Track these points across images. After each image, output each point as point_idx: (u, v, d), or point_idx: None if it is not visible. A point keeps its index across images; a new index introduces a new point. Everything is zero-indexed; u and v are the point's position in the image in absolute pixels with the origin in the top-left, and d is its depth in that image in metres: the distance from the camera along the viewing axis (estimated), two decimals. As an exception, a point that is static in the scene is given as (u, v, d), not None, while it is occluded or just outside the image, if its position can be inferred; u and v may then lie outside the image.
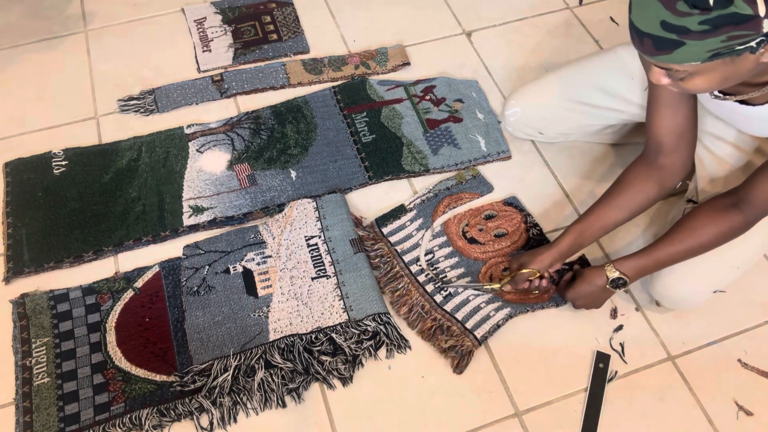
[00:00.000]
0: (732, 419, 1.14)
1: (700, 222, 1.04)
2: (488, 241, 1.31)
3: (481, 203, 1.37)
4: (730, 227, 1.03)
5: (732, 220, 1.02)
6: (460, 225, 1.33)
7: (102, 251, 1.28)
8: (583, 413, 1.13)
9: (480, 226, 1.33)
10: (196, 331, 1.17)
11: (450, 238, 1.31)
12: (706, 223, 1.04)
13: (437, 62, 1.63)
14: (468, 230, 1.32)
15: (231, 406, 1.11)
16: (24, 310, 1.20)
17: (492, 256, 1.29)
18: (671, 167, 1.10)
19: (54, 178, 1.37)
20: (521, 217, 1.34)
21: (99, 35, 1.66)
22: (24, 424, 1.08)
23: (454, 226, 1.33)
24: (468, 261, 1.28)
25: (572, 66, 1.34)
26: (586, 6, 1.79)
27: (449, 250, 1.30)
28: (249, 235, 1.29)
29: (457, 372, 1.15)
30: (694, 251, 1.07)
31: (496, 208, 1.36)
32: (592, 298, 1.17)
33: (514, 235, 1.32)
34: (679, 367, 1.19)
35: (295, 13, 1.72)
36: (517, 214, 1.35)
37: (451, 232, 1.32)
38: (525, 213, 1.35)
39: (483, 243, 1.31)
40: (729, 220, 1.02)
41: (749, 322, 1.25)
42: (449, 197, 1.36)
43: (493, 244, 1.31)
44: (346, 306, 1.21)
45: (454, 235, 1.31)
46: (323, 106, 1.52)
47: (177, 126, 1.47)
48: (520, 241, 1.31)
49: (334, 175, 1.40)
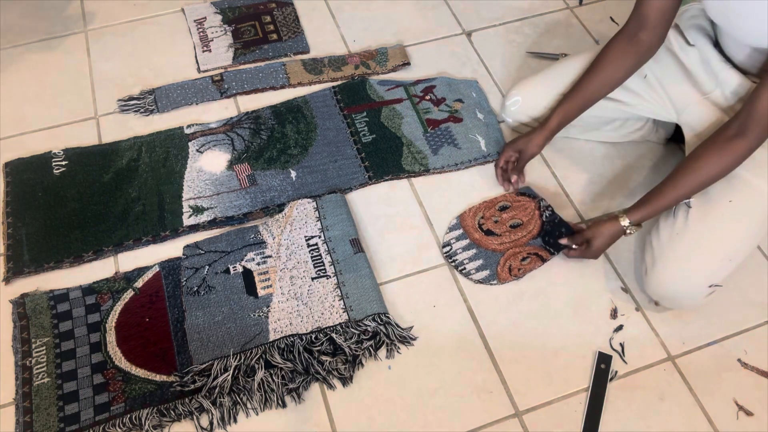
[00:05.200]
0: (732, 419, 1.14)
1: (704, 160, 1.09)
2: (504, 232, 1.32)
3: (494, 195, 1.39)
4: (733, 157, 1.07)
5: (735, 150, 1.06)
6: (475, 218, 1.34)
7: (102, 251, 1.28)
8: (584, 414, 1.13)
9: (495, 217, 1.34)
10: (196, 331, 1.17)
11: (466, 230, 1.32)
12: (709, 159, 1.08)
13: (437, 62, 1.63)
14: (484, 222, 1.34)
15: (231, 406, 1.11)
16: (24, 310, 1.20)
17: (509, 246, 1.30)
18: (649, 42, 1.19)
19: (54, 178, 1.37)
20: (535, 204, 1.36)
21: (99, 35, 1.66)
22: (24, 424, 1.08)
23: (470, 219, 1.34)
24: (486, 252, 1.30)
25: (575, 57, 1.37)
26: (586, 6, 1.79)
27: (466, 242, 1.31)
28: (249, 235, 1.29)
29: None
30: (699, 188, 1.12)
31: (509, 199, 1.37)
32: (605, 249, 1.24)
33: (529, 224, 1.33)
34: (679, 367, 1.19)
35: (295, 13, 1.72)
36: (531, 203, 1.36)
37: (467, 225, 1.33)
38: (539, 199, 1.36)
39: (499, 234, 1.32)
40: (732, 150, 1.06)
41: (749, 322, 1.25)
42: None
43: (510, 234, 1.32)
44: (346, 306, 1.21)
45: (470, 227, 1.33)
46: (323, 106, 1.52)
47: (177, 126, 1.47)
48: (535, 230, 1.32)
49: (334, 175, 1.40)
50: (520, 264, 1.28)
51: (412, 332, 1.21)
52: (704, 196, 1.15)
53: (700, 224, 1.14)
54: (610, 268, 1.31)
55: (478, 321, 1.23)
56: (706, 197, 1.15)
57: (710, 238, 1.13)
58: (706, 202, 1.15)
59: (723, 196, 1.13)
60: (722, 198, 1.13)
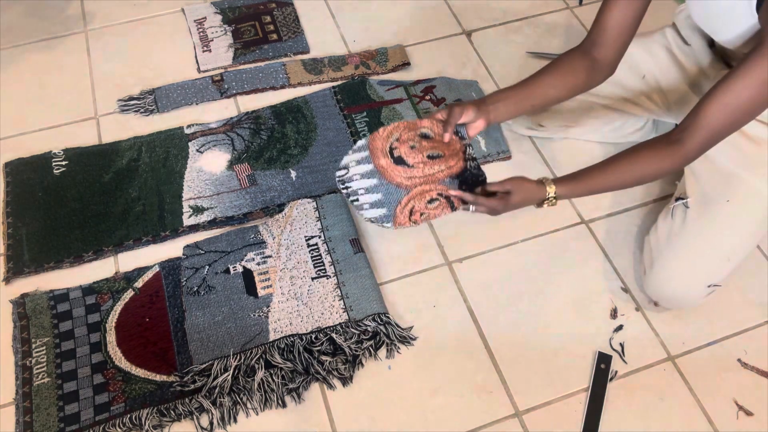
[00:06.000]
0: (732, 419, 1.14)
1: (641, 156, 1.04)
2: (418, 163, 1.09)
3: (419, 121, 1.14)
4: (668, 161, 1.02)
5: (671, 154, 1.01)
6: (389, 139, 1.10)
7: (102, 251, 1.28)
8: (584, 414, 1.13)
9: (413, 143, 1.10)
10: (196, 331, 1.17)
11: (373, 153, 1.09)
12: (646, 157, 1.03)
13: (437, 62, 1.63)
14: (397, 146, 1.10)
15: (231, 406, 1.11)
16: (24, 310, 1.20)
17: (419, 182, 1.08)
18: (601, 62, 1.13)
19: (54, 178, 1.37)
20: (461, 146, 1.13)
21: (99, 35, 1.66)
22: (24, 424, 1.08)
23: (381, 141, 1.10)
24: (388, 186, 1.09)
25: None
26: (586, 6, 1.79)
27: (369, 168, 1.09)
28: (249, 235, 1.29)
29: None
30: (629, 183, 1.07)
31: (435, 130, 1.13)
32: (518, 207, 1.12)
33: (450, 159, 1.10)
34: (679, 367, 1.19)
35: (295, 13, 1.72)
36: (457, 141, 1.13)
37: (376, 147, 1.10)
38: (466, 142, 1.14)
39: (411, 165, 1.09)
40: (668, 154, 1.01)
41: (749, 322, 1.25)
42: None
43: (424, 167, 1.09)
44: (346, 306, 1.21)
45: (379, 151, 1.09)
46: (323, 106, 1.52)
47: (177, 126, 1.47)
48: (455, 168, 1.11)
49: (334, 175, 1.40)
50: (425, 207, 1.08)
51: (412, 332, 1.21)
52: (702, 196, 1.15)
53: (698, 224, 1.14)
54: (610, 268, 1.31)
55: (478, 321, 1.23)
56: (704, 197, 1.15)
57: (708, 238, 1.13)
58: (704, 202, 1.15)
59: (721, 195, 1.13)
60: (720, 198, 1.13)
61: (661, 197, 1.40)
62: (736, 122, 0.97)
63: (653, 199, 1.40)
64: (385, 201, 1.09)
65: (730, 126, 0.97)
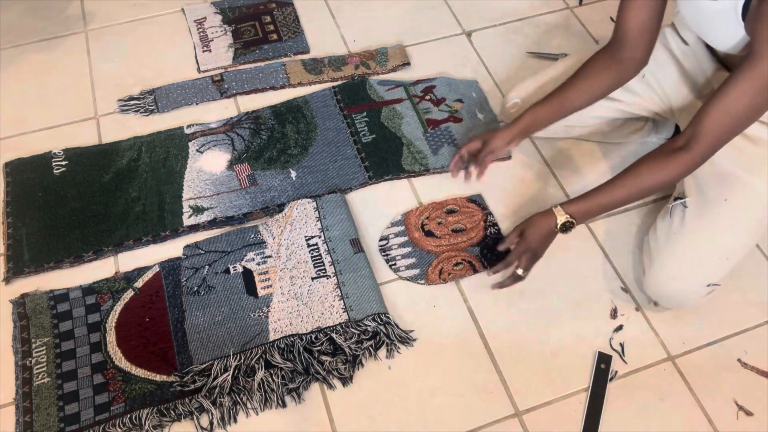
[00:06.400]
0: (732, 419, 1.14)
1: (646, 167, 1.07)
2: (444, 234, 1.32)
3: (445, 198, 1.38)
4: (675, 170, 1.05)
5: (677, 162, 1.04)
6: (420, 217, 1.34)
7: (102, 251, 1.28)
8: (584, 414, 1.13)
9: (439, 219, 1.34)
10: (196, 331, 1.17)
11: (408, 228, 1.33)
12: (651, 167, 1.06)
13: (437, 62, 1.63)
14: (427, 223, 1.33)
15: (231, 406, 1.11)
16: (24, 310, 1.20)
17: (445, 249, 1.30)
18: (629, 61, 1.17)
19: (54, 178, 1.37)
20: (482, 215, 1.35)
21: (99, 35, 1.66)
22: (24, 424, 1.08)
23: (414, 218, 1.34)
24: (421, 253, 1.29)
25: (574, 58, 1.37)
26: (586, 6, 1.79)
27: (404, 240, 1.31)
28: (249, 235, 1.29)
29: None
30: (639, 195, 1.10)
31: (459, 204, 1.37)
32: (541, 243, 1.17)
33: (472, 231, 1.33)
34: (679, 367, 1.19)
35: (295, 13, 1.72)
36: (479, 212, 1.35)
37: (410, 223, 1.33)
38: (487, 212, 1.36)
39: (439, 237, 1.31)
40: (674, 163, 1.04)
41: (749, 322, 1.25)
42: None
43: (449, 238, 1.31)
44: (346, 306, 1.21)
45: (413, 226, 1.33)
46: (323, 106, 1.52)
47: (177, 126, 1.47)
48: (476, 238, 1.32)
49: (334, 175, 1.40)
50: (451, 269, 1.27)
51: (412, 332, 1.21)
52: (700, 195, 1.15)
53: (696, 224, 1.14)
54: (610, 268, 1.31)
55: (478, 321, 1.23)
56: (703, 197, 1.15)
57: (706, 238, 1.13)
58: (702, 202, 1.15)
59: (719, 195, 1.13)
60: (718, 197, 1.13)
61: (660, 197, 1.40)
62: (738, 126, 1.00)
63: (652, 199, 1.40)
64: (418, 264, 1.29)
65: (733, 130, 1.00)
